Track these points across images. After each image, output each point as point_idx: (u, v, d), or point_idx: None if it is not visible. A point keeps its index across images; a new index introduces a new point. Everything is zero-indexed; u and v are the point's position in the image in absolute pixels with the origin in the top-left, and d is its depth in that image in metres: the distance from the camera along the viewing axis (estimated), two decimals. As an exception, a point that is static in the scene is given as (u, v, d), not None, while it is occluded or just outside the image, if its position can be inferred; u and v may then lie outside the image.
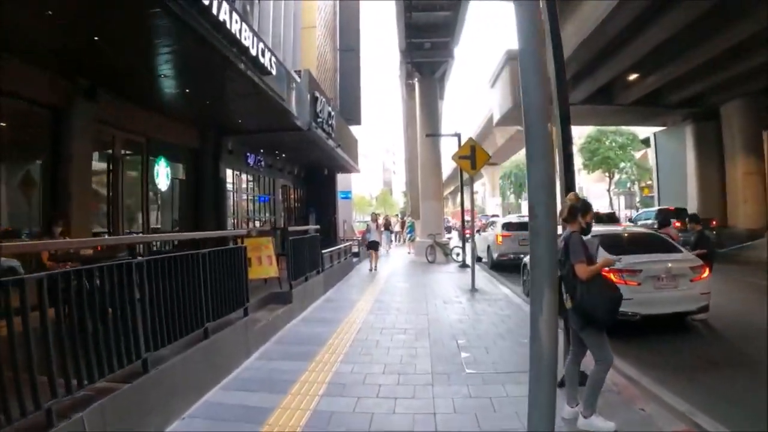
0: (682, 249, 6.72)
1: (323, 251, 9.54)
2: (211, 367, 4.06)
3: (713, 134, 19.01)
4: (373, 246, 12.79)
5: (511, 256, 13.17)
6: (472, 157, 8.92)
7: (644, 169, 37.28)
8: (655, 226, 17.32)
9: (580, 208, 3.51)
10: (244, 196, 11.56)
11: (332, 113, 11.31)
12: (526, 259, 9.62)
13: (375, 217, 13.60)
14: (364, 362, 4.65)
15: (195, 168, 9.52)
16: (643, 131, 42.52)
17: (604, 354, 3.18)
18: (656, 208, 20.93)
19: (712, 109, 18.84)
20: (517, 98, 17.53)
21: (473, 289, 9.03)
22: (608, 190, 40.30)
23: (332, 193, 16.90)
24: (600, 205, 44.97)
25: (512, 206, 63.23)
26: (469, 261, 14.32)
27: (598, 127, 38.39)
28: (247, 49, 5.73)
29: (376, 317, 6.74)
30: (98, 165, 7.17)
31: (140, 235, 6.88)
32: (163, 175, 8.57)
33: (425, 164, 15.73)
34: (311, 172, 16.01)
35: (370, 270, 12.17)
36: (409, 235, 18.39)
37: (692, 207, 19.47)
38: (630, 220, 21.73)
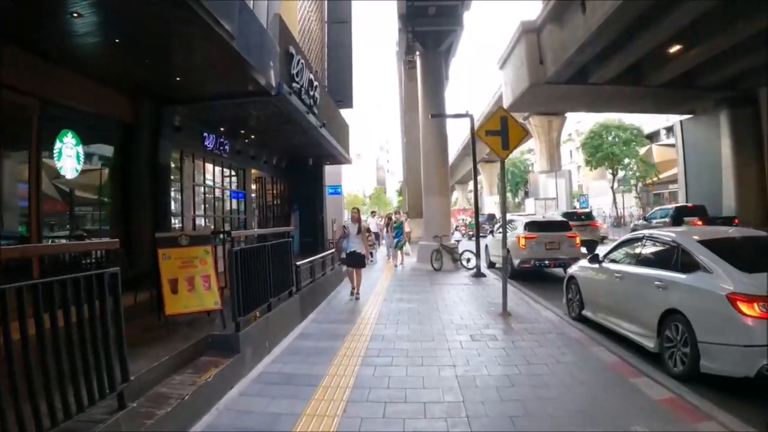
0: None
1: (303, 261, 7.09)
2: None
3: (752, 121, 16.83)
4: (356, 261, 7.95)
5: (536, 262, 10.80)
6: (504, 132, 6.50)
7: (649, 165, 35.55)
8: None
9: None
10: (202, 189, 9.03)
11: (315, 83, 8.86)
12: (574, 270, 7.26)
13: (357, 215, 8.36)
14: None
15: (125, 149, 7.00)
16: (649, 123, 40.77)
17: None
18: (672, 205, 19.30)
19: (749, 93, 16.68)
20: (536, 76, 15.30)
21: (505, 312, 6.63)
22: (612, 188, 38.78)
23: (319, 188, 14.33)
24: (604, 203, 43.19)
25: (511, 205, 61.46)
26: (485, 268, 11.98)
27: (601, 122, 37.11)
28: None
29: (374, 372, 4.28)
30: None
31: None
32: (69, 156, 6.04)
33: (429, 152, 13.25)
34: (294, 162, 13.47)
35: (352, 295, 8.05)
36: (396, 241, 13.47)
37: (728, 205, 17.34)
38: (644, 219, 19.86)
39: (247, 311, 4.35)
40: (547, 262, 10.89)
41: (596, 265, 6.25)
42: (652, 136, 40.34)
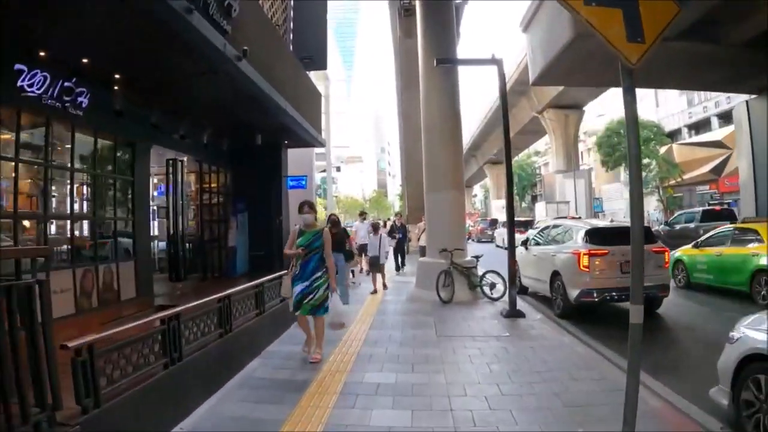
0: None
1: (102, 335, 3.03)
2: None
3: None
4: None
5: (606, 295, 6.75)
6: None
7: (672, 166, 32.34)
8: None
9: None
10: (14, 167, 4.97)
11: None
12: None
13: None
14: None
15: None
16: (669, 121, 37.01)
17: None
18: (699, 209, 17.58)
19: None
20: (583, 24, 11.32)
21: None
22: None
23: (276, 181, 10.15)
24: (618, 207, 39.24)
25: (516, 210, 57.87)
26: (521, 302, 7.61)
27: (618, 119, 34.21)
28: None
29: None
30: None
31: None
32: None
33: (433, 126, 8.94)
34: (238, 142, 9.36)
35: None
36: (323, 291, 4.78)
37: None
38: (666, 224, 18.06)
39: None
40: (616, 294, 6.73)
41: None
42: (672, 135, 37.10)
